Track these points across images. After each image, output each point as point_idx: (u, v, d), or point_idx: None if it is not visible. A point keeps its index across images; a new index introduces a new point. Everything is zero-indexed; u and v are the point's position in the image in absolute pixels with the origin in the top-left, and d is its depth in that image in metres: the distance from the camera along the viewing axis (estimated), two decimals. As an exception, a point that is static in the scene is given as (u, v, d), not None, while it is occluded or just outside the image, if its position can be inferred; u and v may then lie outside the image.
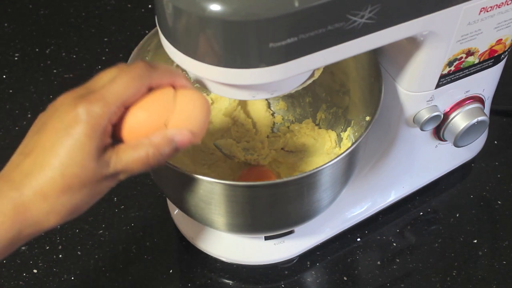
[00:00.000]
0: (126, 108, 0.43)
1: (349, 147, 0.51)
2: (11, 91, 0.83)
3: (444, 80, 0.56)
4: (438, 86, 0.57)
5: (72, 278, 0.65)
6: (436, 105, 0.59)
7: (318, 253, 0.67)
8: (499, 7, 0.51)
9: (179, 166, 0.50)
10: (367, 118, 0.59)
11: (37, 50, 0.87)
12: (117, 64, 0.44)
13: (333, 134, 0.68)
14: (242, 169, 0.67)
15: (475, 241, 0.67)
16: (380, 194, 0.68)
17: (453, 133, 0.61)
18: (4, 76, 0.84)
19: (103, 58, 0.85)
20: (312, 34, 0.42)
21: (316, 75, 0.51)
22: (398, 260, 0.66)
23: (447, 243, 0.67)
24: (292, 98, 0.71)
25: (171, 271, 0.65)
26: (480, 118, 0.60)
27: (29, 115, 0.79)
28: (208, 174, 0.62)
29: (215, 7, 0.40)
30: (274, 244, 0.64)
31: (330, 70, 0.63)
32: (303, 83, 0.50)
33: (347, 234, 0.68)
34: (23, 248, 0.67)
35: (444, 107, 0.60)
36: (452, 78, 0.57)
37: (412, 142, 0.63)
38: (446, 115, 0.61)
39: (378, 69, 0.56)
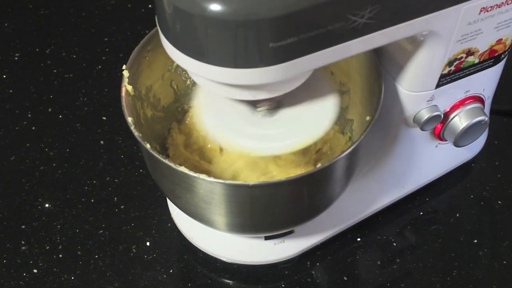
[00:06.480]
0: None
1: (349, 147, 0.51)
2: (11, 91, 0.82)
3: (444, 80, 0.56)
4: (438, 86, 0.57)
5: (72, 278, 0.65)
6: (436, 105, 0.59)
7: (318, 253, 0.67)
8: (499, 7, 0.51)
9: (179, 166, 0.50)
10: (367, 118, 0.59)
11: (37, 50, 0.87)
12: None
13: (333, 134, 0.68)
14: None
15: (475, 241, 0.67)
16: (380, 194, 0.68)
17: (453, 133, 0.61)
18: (4, 76, 0.84)
19: (103, 58, 0.84)
20: (312, 34, 0.42)
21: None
22: (398, 260, 0.66)
23: (447, 243, 0.67)
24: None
25: (171, 271, 0.65)
26: (480, 118, 0.60)
27: (29, 115, 0.79)
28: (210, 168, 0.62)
29: (215, 7, 0.40)
30: (274, 244, 0.64)
31: (330, 70, 0.63)
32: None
33: (347, 234, 0.68)
34: (23, 248, 0.67)
35: (444, 107, 0.60)
36: (452, 78, 0.57)
37: (412, 142, 0.63)
38: (446, 115, 0.61)
39: (378, 69, 0.56)
